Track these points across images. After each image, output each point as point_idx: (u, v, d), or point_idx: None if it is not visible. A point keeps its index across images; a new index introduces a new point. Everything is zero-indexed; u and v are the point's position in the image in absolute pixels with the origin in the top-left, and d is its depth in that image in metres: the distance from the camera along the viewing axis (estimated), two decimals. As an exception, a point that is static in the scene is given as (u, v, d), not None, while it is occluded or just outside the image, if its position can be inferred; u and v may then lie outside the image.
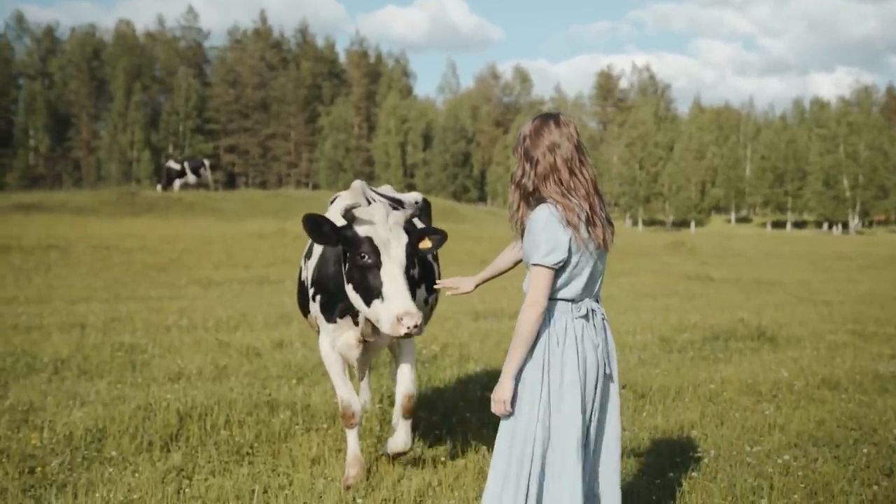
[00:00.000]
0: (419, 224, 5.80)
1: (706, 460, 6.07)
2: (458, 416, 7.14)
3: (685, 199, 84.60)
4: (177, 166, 41.75)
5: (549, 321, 4.00)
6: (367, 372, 6.84)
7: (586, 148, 4.15)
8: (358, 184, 5.39)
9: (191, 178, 41.09)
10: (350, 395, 5.75)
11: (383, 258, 4.88)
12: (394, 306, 4.73)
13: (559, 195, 3.96)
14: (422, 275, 5.83)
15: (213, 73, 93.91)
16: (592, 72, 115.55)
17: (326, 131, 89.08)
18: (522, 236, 4.10)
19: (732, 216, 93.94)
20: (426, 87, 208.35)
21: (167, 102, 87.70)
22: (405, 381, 5.76)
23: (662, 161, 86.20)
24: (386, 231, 4.94)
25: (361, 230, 4.95)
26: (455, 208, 47.80)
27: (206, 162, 43.28)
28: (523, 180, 4.07)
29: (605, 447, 4.16)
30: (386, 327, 4.73)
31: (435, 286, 5.07)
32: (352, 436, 5.79)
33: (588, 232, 3.96)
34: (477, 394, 8.01)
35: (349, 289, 5.03)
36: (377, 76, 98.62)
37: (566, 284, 3.99)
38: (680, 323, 12.95)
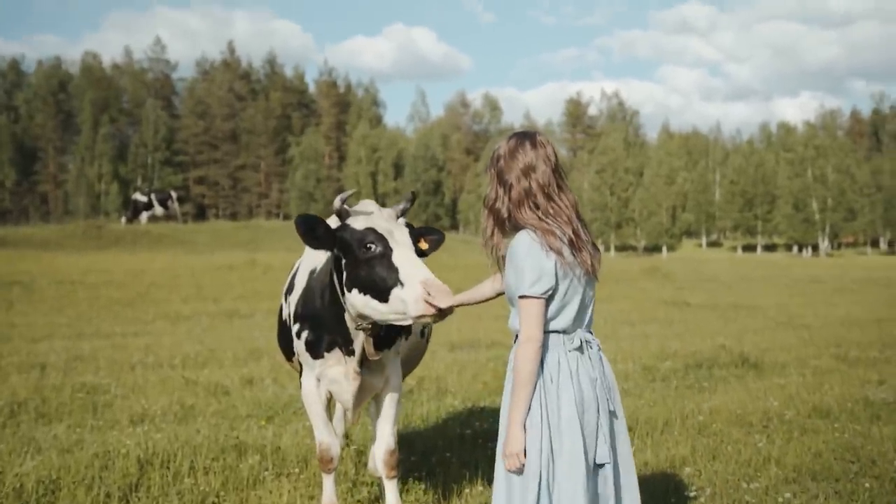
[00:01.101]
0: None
1: (702, 499, 5.74)
2: (438, 456, 6.75)
3: (656, 224, 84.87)
4: (143, 198, 41.20)
5: (541, 356, 3.65)
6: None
7: (566, 171, 3.83)
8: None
9: (158, 210, 40.55)
10: (330, 438, 5.35)
11: (392, 244, 4.46)
12: (419, 284, 4.28)
13: (536, 220, 3.65)
14: None
15: (181, 105, 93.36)
16: (561, 99, 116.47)
17: (297, 161, 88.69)
18: (498, 264, 3.79)
19: (703, 240, 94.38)
20: (396, 116, 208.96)
21: (135, 135, 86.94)
22: (385, 436, 5.30)
23: (633, 187, 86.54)
24: (384, 221, 4.57)
25: (358, 223, 4.55)
26: (427, 237, 47.38)
27: (174, 194, 42.81)
28: (496, 205, 3.76)
29: (625, 496, 3.81)
30: (418, 309, 4.24)
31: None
32: (328, 481, 5.40)
33: (573, 256, 3.64)
34: (457, 431, 7.65)
35: (354, 295, 4.52)
36: (347, 106, 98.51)
37: (556, 315, 3.66)
38: (661, 350, 12.67)
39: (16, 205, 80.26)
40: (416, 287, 4.28)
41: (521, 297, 3.59)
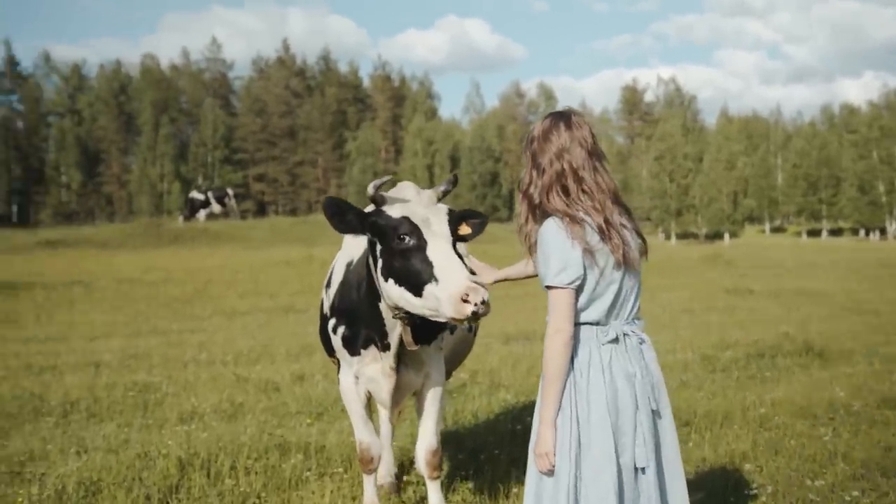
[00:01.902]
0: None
1: (763, 498, 5.45)
2: (487, 454, 6.55)
3: (717, 210, 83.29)
4: (200, 196, 41.72)
5: (572, 349, 3.45)
6: (392, 428, 6.15)
7: (604, 153, 3.61)
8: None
9: (215, 207, 41.03)
10: (370, 437, 5.19)
11: (427, 236, 4.21)
12: (453, 283, 4.00)
13: (563, 207, 3.45)
14: None
15: (238, 104, 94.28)
16: (617, 86, 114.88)
17: (354, 156, 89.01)
18: (530, 252, 3.62)
19: (766, 226, 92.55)
20: (451, 108, 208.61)
21: (195, 134, 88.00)
22: (427, 435, 5.09)
23: (692, 173, 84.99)
24: (422, 208, 4.32)
25: (394, 211, 4.31)
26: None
27: (230, 191, 43.28)
28: (530, 189, 3.58)
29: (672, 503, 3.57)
30: (449, 310, 4.00)
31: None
32: (369, 482, 5.25)
33: (603, 244, 3.43)
34: (508, 426, 7.44)
35: (390, 286, 4.31)
36: (402, 99, 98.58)
37: (587, 306, 3.47)
38: (722, 340, 12.31)
39: (82, 206, 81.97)
40: (449, 286, 4.03)
41: (548, 286, 3.43)
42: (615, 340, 3.48)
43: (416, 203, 4.37)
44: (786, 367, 10.35)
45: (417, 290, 4.19)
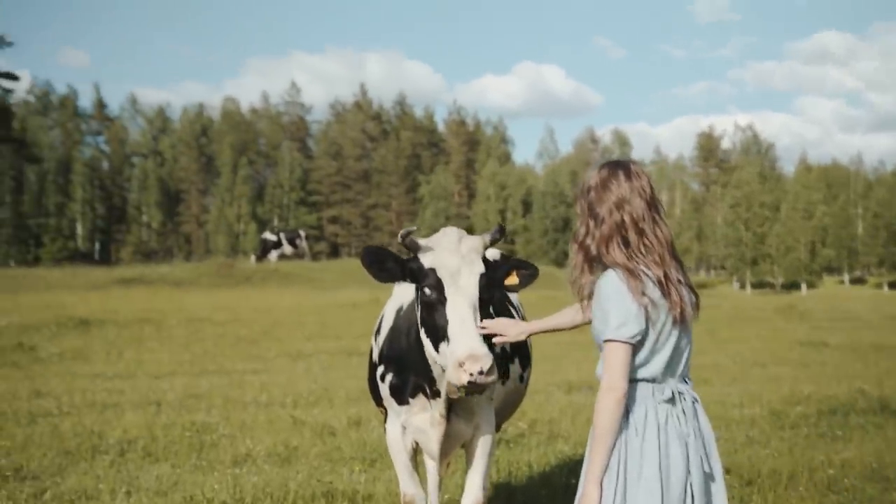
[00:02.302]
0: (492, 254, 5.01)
1: (826, 567, 5.16)
2: (538, 509, 6.37)
3: (794, 260, 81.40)
4: (273, 237, 42.33)
5: (627, 406, 3.33)
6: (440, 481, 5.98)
7: (661, 203, 3.50)
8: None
9: (287, 248, 41.54)
10: (415, 489, 5.07)
11: (448, 291, 4.13)
12: (455, 348, 3.94)
13: (624, 259, 3.34)
14: (515, 346, 5.14)
15: (315, 147, 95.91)
16: (693, 133, 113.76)
17: (427, 200, 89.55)
18: (582, 304, 3.54)
19: (846, 277, 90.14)
20: (525, 153, 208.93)
21: (272, 176, 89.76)
22: (473, 490, 4.94)
23: (769, 221, 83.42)
24: (456, 258, 4.22)
25: (427, 260, 4.28)
26: (554, 274, 46.70)
27: (302, 232, 43.81)
28: (587, 240, 3.47)
29: None
30: (448, 375, 3.96)
31: (481, 326, 4.15)
32: (412, 535, 5.12)
33: (663, 299, 3.32)
34: (562, 480, 7.24)
35: (423, 334, 4.29)
36: (476, 144, 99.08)
37: (646, 362, 3.34)
38: (792, 394, 11.90)
39: (161, 245, 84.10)
40: (453, 349, 3.97)
41: (607, 340, 3.30)
42: (671, 400, 3.37)
43: (452, 252, 4.27)
44: (859, 425, 9.92)
45: (436, 346, 4.19)
